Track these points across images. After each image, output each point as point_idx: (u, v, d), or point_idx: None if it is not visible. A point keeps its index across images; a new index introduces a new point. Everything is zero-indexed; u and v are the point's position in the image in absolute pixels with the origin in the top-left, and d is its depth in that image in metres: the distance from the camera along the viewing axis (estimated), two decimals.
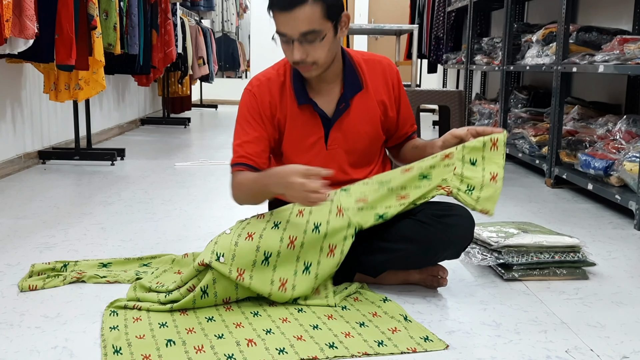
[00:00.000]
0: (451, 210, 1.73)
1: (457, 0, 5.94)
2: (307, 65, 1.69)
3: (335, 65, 1.78)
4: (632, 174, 2.68)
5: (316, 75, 1.73)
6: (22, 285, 1.75)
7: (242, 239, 1.62)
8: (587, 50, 3.33)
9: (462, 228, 1.71)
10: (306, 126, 1.82)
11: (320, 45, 1.66)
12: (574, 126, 3.55)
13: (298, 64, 1.69)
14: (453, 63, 6.16)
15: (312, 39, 1.64)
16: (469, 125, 5.33)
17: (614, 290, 1.86)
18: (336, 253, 1.67)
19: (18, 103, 3.71)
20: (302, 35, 1.63)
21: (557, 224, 2.60)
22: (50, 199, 2.93)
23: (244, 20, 10.71)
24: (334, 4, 1.66)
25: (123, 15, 3.96)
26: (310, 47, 1.65)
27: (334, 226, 1.68)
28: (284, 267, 1.64)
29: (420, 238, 1.70)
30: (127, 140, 5.36)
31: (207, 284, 1.57)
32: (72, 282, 1.79)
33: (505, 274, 1.92)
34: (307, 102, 1.80)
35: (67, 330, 1.50)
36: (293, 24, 1.62)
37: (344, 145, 1.82)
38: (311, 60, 1.67)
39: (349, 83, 1.80)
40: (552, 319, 1.63)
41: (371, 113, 1.83)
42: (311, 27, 1.62)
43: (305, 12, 1.60)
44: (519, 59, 4.30)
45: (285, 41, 1.67)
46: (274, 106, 1.81)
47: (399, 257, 1.73)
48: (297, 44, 1.64)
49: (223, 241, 1.61)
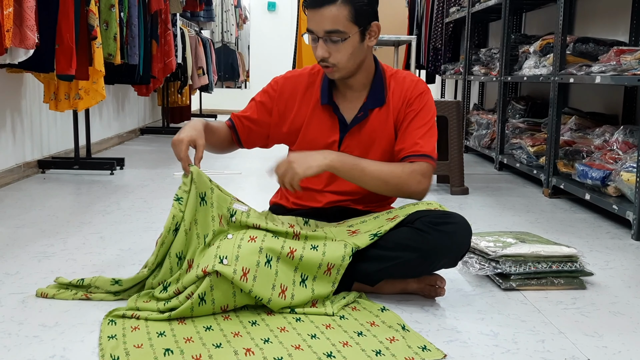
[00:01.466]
0: (448, 218, 1.74)
1: (455, 12, 5.97)
2: (329, 65, 1.73)
3: (363, 75, 1.82)
4: (629, 184, 2.70)
5: (338, 77, 1.77)
6: (37, 291, 1.77)
7: (244, 241, 1.64)
8: (584, 61, 3.35)
9: (459, 236, 1.72)
10: (324, 127, 1.86)
11: (343, 46, 1.69)
12: (572, 136, 3.57)
13: (321, 62, 1.73)
14: (451, 74, 6.18)
15: (336, 40, 1.68)
16: (467, 135, 5.35)
17: (611, 300, 1.87)
18: (332, 272, 1.70)
19: (18, 112, 3.73)
20: (326, 34, 1.68)
21: (554, 234, 2.61)
22: (49, 208, 2.94)
23: (243, 31, 10.76)
24: (364, 10, 1.71)
25: (123, 25, 3.98)
26: (334, 47, 1.69)
27: (331, 246, 1.71)
28: (285, 274, 1.65)
29: (418, 246, 1.70)
30: (127, 149, 5.37)
31: (205, 291, 1.58)
32: (81, 299, 1.76)
33: (503, 283, 1.92)
34: (329, 103, 1.83)
35: (65, 339, 1.50)
36: (319, 21, 1.67)
37: (357, 154, 1.82)
38: (333, 61, 1.71)
39: (373, 95, 1.83)
40: (550, 328, 1.63)
41: (387, 130, 1.85)
42: (335, 26, 1.67)
43: (332, 12, 1.66)
44: (517, 70, 4.32)
45: (312, 38, 1.72)
46: (291, 102, 1.87)
47: (397, 266, 1.74)
48: (321, 42, 1.69)
49: (226, 245, 1.63)
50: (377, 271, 1.76)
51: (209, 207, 1.73)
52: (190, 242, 1.72)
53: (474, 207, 3.20)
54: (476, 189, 3.69)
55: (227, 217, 1.75)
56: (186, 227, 1.71)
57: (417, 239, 1.70)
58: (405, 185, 1.73)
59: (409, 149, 1.79)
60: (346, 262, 1.70)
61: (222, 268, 1.56)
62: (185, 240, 1.71)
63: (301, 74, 1.90)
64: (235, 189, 3.61)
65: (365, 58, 1.80)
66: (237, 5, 10.13)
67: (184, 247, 1.71)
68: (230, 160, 4.76)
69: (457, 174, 3.53)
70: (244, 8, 10.66)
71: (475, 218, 2.87)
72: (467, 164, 4.00)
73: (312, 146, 1.85)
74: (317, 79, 1.87)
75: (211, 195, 1.74)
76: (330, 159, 1.67)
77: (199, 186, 1.72)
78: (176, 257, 1.72)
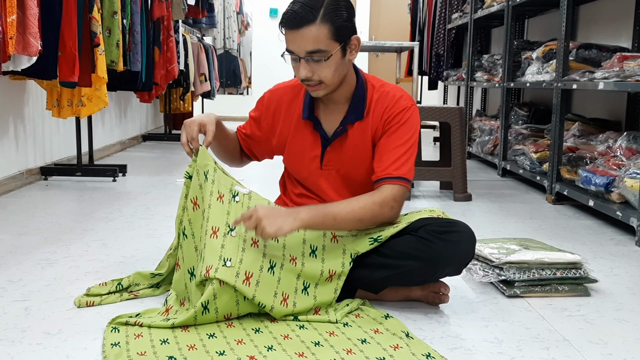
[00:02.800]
0: (452, 226, 1.73)
1: (458, 18, 5.98)
2: (314, 83, 1.71)
3: (346, 88, 1.80)
4: (633, 190, 2.69)
5: (323, 94, 1.75)
6: (79, 302, 1.76)
7: (247, 244, 1.65)
8: (587, 67, 3.35)
9: (463, 245, 1.71)
10: (306, 141, 1.86)
11: (326, 65, 1.67)
12: (575, 143, 3.56)
13: (305, 82, 1.72)
14: (453, 80, 6.19)
15: (318, 59, 1.66)
16: (470, 142, 5.35)
17: (616, 307, 1.86)
18: (334, 279, 1.70)
19: (21, 119, 3.73)
20: (308, 54, 1.66)
21: (558, 241, 2.60)
22: (51, 215, 2.93)
23: (245, 37, 10.78)
24: (343, 26, 1.67)
25: (126, 32, 3.99)
26: (317, 66, 1.68)
27: (330, 252, 1.72)
28: (286, 281, 1.65)
29: (421, 255, 1.69)
30: (129, 156, 5.37)
31: (208, 300, 1.57)
32: (129, 299, 1.81)
33: (507, 290, 1.91)
34: (309, 119, 1.82)
35: (68, 347, 1.49)
36: (300, 42, 1.64)
37: (340, 169, 1.84)
38: (317, 79, 1.70)
39: (353, 109, 1.81)
40: (555, 335, 1.63)
41: (365, 144, 1.82)
42: (317, 46, 1.64)
43: (311, 32, 1.63)
44: (519, 76, 4.32)
45: (293, 59, 1.70)
46: (277, 115, 1.89)
47: (401, 274, 1.73)
48: (303, 62, 1.67)
49: (230, 245, 1.63)
50: (380, 279, 1.75)
51: (210, 183, 1.74)
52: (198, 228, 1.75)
53: (477, 213, 3.19)
54: (479, 195, 3.69)
55: (228, 197, 1.75)
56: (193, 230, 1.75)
57: (421, 248, 1.69)
58: (380, 216, 1.72)
59: (384, 171, 1.74)
60: (347, 269, 1.70)
61: (224, 273, 1.56)
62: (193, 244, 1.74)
63: (286, 86, 1.90)
64: None
65: (347, 72, 1.78)
66: (239, 11, 10.16)
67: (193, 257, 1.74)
68: None
69: (460, 180, 3.53)
70: (246, 14, 10.69)
71: (478, 225, 2.87)
72: (470, 171, 3.99)
73: (299, 159, 1.87)
74: (301, 93, 1.86)
75: (213, 174, 1.75)
76: (300, 219, 1.62)
77: (203, 164, 1.75)
78: (188, 273, 1.73)
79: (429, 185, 4.01)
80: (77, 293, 1.85)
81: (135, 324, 1.59)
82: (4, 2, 2.54)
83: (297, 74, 1.72)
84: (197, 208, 1.74)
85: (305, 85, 1.74)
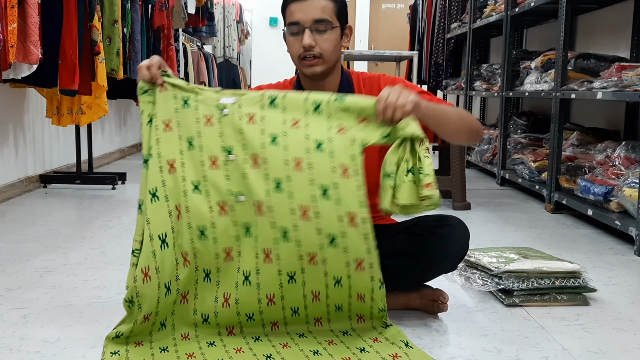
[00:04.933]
0: (444, 220, 1.75)
1: (457, 27, 6.00)
2: (313, 58, 1.71)
3: (334, 77, 1.81)
4: (632, 199, 2.69)
5: (320, 71, 1.74)
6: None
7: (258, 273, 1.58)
8: (585, 77, 3.36)
9: (456, 237, 1.73)
10: None
11: (328, 37, 1.71)
12: (573, 152, 3.57)
13: (304, 56, 1.71)
14: (452, 89, 6.20)
15: (323, 29, 1.70)
16: (469, 151, 5.35)
17: (614, 316, 1.86)
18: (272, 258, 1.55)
19: (20, 127, 3.74)
20: (314, 22, 1.69)
21: (557, 250, 2.60)
22: (51, 223, 2.93)
23: (245, 46, 10.81)
24: (344, 9, 1.76)
25: (126, 41, 4.00)
26: (320, 37, 1.71)
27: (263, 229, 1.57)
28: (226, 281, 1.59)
29: (416, 251, 1.71)
30: (129, 164, 5.37)
31: (209, 314, 1.57)
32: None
33: (506, 299, 1.91)
34: None
35: (66, 355, 1.49)
36: (308, 10, 1.69)
37: None
38: (318, 51, 1.71)
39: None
40: (554, 345, 1.62)
41: None
42: (324, 16, 1.70)
43: (320, 2, 1.70)
44: (518, 85, 4.34)
45: (295, 32, 1.71)
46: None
47: (397, 274, 1.73)
48: (307, 32, 1.70)
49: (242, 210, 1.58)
50: None
51: (192, 109, 1.62)
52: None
53: (476, 222, 3.20)
54: (478, 204, 3.69)
55: (217, 115, 1.61)
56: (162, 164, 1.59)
57: (414, 244, 1.71)
58: (474, 121, 1.75)
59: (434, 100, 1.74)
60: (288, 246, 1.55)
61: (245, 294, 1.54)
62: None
63: (278, 84, 1.91)
64: None
65: (339, 58, 1.82)
66: (239, 20, 10.19)
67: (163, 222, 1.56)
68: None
69: (459, 189, 3.53)
70: (246, 23, 10.72)
71: (477, 233, 2.87)
72: (469, 179, 4.00)
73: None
74: (290, 89, 1.85)
75: (195, 98, 1.63)
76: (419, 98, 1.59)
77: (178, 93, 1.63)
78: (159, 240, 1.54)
79: None
80: (76, 301, 1.85)
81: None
82: (5, 10, 2.55)
83: (297, 47, 1.71)
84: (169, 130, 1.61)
85: (302, 63, 1.73)
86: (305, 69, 1.75)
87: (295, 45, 1.73)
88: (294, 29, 1.72)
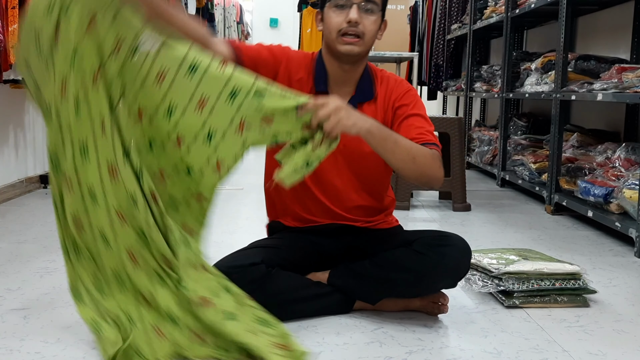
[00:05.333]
0: (446, 239, 1.73)
1: (457, 29, 6.00)
2: (355, 37, 1.69)
3: (360, 67, 1.79)
4: (632, 201, 2.69)
5: (357, 52, 1.71)
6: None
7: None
8: (585, 78, 3.37)
9: (457, 257, 1.70)
10: None
11: (373, 19, 1.70)
12: (574, 153, 3.57)
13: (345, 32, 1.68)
14: (453, 90, 6.21)
15: (371, 9, 1.69)
16: (469, 152, 5.36)
17: (615, 318, 1.86)
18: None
19: (21, 128, 3.74)
20: (364, 1, 1.67)
21: (557, 251, 2.60)
22: (51, 224, 2.93)
23: None
24: (386, 4, 1.74)
25: None
26: (365, 17, 1.69)
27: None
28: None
29: (415, 268, 1.69)
30: None
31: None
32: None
33: (506, 301, 1.91)
34: (325, 91, 1.77)
35: (66, 356, 1.49)
36: None
37: (343, 150, 1.72)
38: (362, 30, 1.69)
39: (361, 89, 1.80)
40: (554, 346, 1.63)
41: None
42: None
43: None
44: (518, 87, 4.34)
45: (342, 4, 1.68)
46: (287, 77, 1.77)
47: (396, 286, 1.73)
48: (355, 7, 1.67)
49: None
50: (376, 291, 1.76)
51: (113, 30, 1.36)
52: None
53: (476, 223, 3.20)
54: (478, 205, 3.69)
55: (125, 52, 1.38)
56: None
57: (414, 259, 1.69)
58: (430, 168, 1.65)
59: (419, 138, 1.70)
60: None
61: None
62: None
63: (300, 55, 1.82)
64: (236, 204, 3.61)
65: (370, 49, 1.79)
66: (240, 21, 10.19)
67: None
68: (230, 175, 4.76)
69: (459, 190, 3.53)
70: (247, 24, 10.73)
71: (477, 235, 2.87)
72: (469, 181, 4.00)
73: None
74: (311, 67, 1.80)
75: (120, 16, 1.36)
76: (370, 123, 1.54)
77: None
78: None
79: (428, 195, 4.01)
80: None
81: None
82: (5, 11, 2.56)
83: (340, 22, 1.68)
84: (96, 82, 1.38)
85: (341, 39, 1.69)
86: (342, 46, 1.70)
87: (338, 19, 1.69)
88: (340, 1, 1.68)
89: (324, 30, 1.75)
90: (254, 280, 1.65)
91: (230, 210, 3.42)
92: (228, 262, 1.69)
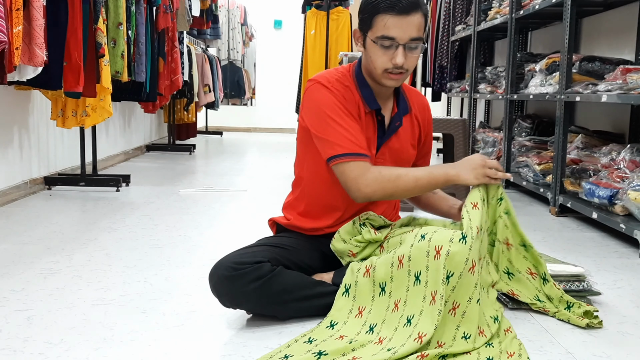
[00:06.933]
0: None
1: (461, 30, 6.00)
2: (401, 72, 1.72)
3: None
4: (637, 203, 2.68)
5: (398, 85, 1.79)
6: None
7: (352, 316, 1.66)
8: (590, 79, 3.36)
9: None
10: (369, 132, 1.84)
11: (416, 53, 1.71)
12: (578, 155, 3.56)
13: (392, 70, 1.71)
14: (457, 91, 6.20)
15: (415, 47, 1.70)
16: (473, 153, 5.35)
17: (619, 319, 1.85)
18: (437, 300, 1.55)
19: (25, 129, 3.75)
20: (410, 41, 1.68)
21: (562, 253, 2.59)
22: (55, 225, 2.94)
23: (249, 48, 10.83)
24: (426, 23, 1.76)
25: (131, 43, 4.01)
26: (410, 54, 1.70)
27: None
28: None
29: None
30: (133, 166, 5.38)
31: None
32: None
33: (511, 302, 1.91)
34: (378, 107, 1.81)
35: (70, 356, 1.49)
36: (406, 27, 1.66)
37: (389, 160, 1.86)
38: (406, 67, 1.72)
39: (399, 102, 1.87)
40: (558, 348, 1.62)
41: (413, 137, 1.92)
42: (419, 34, 1.69)
43: (417, 19, 1.68)
44: (523, 88, 4.33)
45: (387, 46, 1.69)
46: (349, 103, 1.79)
47: None
48: (401, 49, 1.68)
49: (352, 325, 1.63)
50: None
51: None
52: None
53: None
54: None
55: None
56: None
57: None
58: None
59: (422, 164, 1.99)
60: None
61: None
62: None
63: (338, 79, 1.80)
64: (240, 207, 3.61)
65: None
66: (244, 23, 10.21)
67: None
68: (235, 177, 4.77)
69: (464, 191, 3.52)
70: (251, 26, 10.74)
71: None
72: None
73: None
74: (351, 85, 1.80)
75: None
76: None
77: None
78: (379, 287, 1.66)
79: None
80: (80, 303, 1.86)
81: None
82: (10, 13, 2.56)
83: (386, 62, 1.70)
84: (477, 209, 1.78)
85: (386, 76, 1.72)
86: (387, 80, 1.75)
87: (384, 59, 1.70)
88: (386, 43, 1.68)
89: (366, 61, 1.77)
90: (259, 277, 1.65)
91: (232, 210, 3.42)
92: (234, 258, 1.70)
